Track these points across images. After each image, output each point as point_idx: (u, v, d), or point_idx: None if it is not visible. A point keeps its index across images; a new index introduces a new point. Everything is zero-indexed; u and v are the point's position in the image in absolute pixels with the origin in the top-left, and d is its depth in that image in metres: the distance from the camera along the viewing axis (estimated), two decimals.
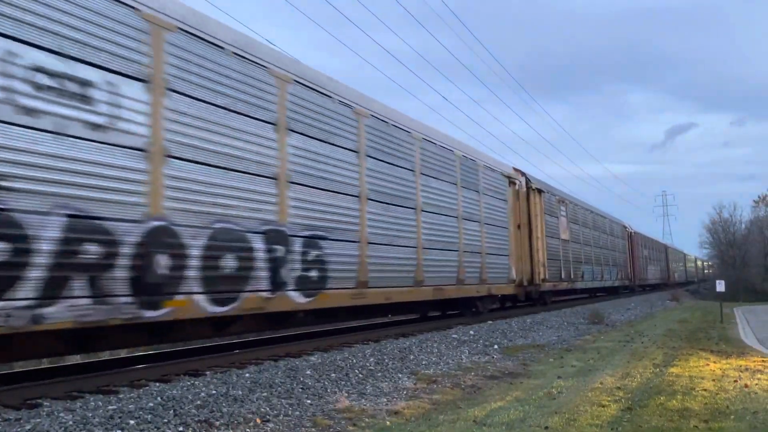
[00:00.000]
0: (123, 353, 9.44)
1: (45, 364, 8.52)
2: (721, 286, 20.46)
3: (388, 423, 5.56)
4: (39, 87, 5.62)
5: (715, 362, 9.13)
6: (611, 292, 31.70)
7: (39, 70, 5.63)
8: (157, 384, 6.44)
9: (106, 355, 9.10)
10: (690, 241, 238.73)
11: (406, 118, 12.23)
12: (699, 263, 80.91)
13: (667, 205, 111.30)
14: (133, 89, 6.49)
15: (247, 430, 5.12)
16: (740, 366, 8.74)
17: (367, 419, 5.67)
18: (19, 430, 4.63)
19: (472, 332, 12.11)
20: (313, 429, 5.29)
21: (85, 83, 6.02)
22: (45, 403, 5.50)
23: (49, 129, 5.66)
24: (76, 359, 9.09)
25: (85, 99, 6.00)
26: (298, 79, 9.07)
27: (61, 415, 5.03)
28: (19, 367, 7.90)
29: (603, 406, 6.08)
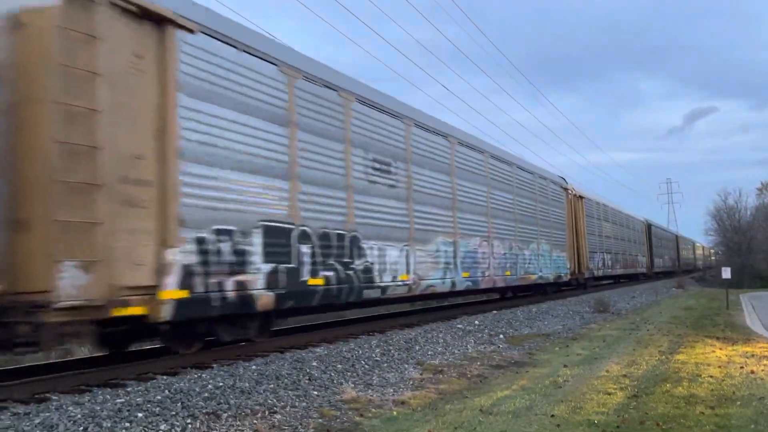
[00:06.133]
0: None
1: (53, 358, 8.57)
2: (726, 272, 20.42)
3: (394, 413, 5.58)
4: None
5: (720, 349, 9.13)
6: (633, 279, 35.31)
7: None
8: (164, 377, 6.47)
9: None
10: (696, 229, 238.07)
11: (505, 153, 16.74)
12: (705, 250, 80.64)
13: (672, 193, 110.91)
14: None
15: (255, 421, 5.15)
16: (746, 352, 8.74)
17: (373, 409, 5.69)
18: (28, 424, 4.66)
19: (477, 322, 12.12)
20: (320, 420, 5.32)
21: None
22: (53, 397, 5.54)
23: None
24: (83, 352, 9.13)
25: None
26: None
27: (70, 408, 5.07)
28: (27, 361, 7.94)
29: (609, 394, 6.09)
